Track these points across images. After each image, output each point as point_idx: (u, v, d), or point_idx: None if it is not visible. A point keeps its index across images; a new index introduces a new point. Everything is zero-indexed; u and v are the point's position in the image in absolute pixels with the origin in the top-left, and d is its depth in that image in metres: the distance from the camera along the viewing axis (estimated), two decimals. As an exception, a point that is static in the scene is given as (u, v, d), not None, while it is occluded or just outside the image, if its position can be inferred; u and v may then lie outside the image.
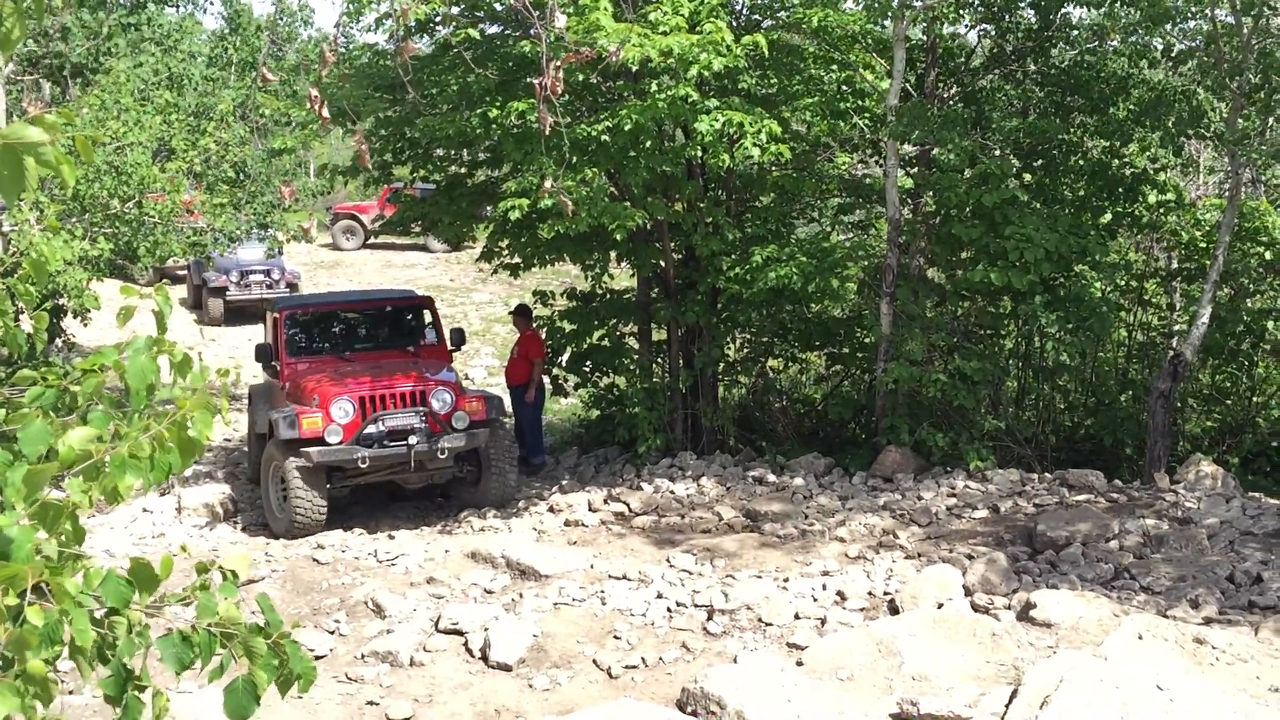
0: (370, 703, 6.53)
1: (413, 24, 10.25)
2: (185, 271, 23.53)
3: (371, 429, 9.56)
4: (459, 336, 11.39)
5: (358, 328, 11.54)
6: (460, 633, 7.30)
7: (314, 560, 8.97)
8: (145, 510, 10.13)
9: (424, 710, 6.46)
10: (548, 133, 4.07)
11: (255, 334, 21.08)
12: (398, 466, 9.74)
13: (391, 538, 9.39)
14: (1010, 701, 5.59)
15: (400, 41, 6.37)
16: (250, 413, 11.63)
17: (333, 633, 7.55)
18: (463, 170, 12.34)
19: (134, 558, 2.46)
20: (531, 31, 6.49)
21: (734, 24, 10.77)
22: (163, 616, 2.53)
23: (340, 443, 9.45)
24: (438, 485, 10.55)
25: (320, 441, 9.42)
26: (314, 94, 4.36)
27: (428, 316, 11.46)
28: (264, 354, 10.74)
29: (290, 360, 10.55)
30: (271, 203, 14.31)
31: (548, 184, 6.37)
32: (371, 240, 29.87)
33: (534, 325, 12.33)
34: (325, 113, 4.12)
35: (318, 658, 7.11)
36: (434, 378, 10.12)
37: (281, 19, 18.19)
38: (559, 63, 3.71)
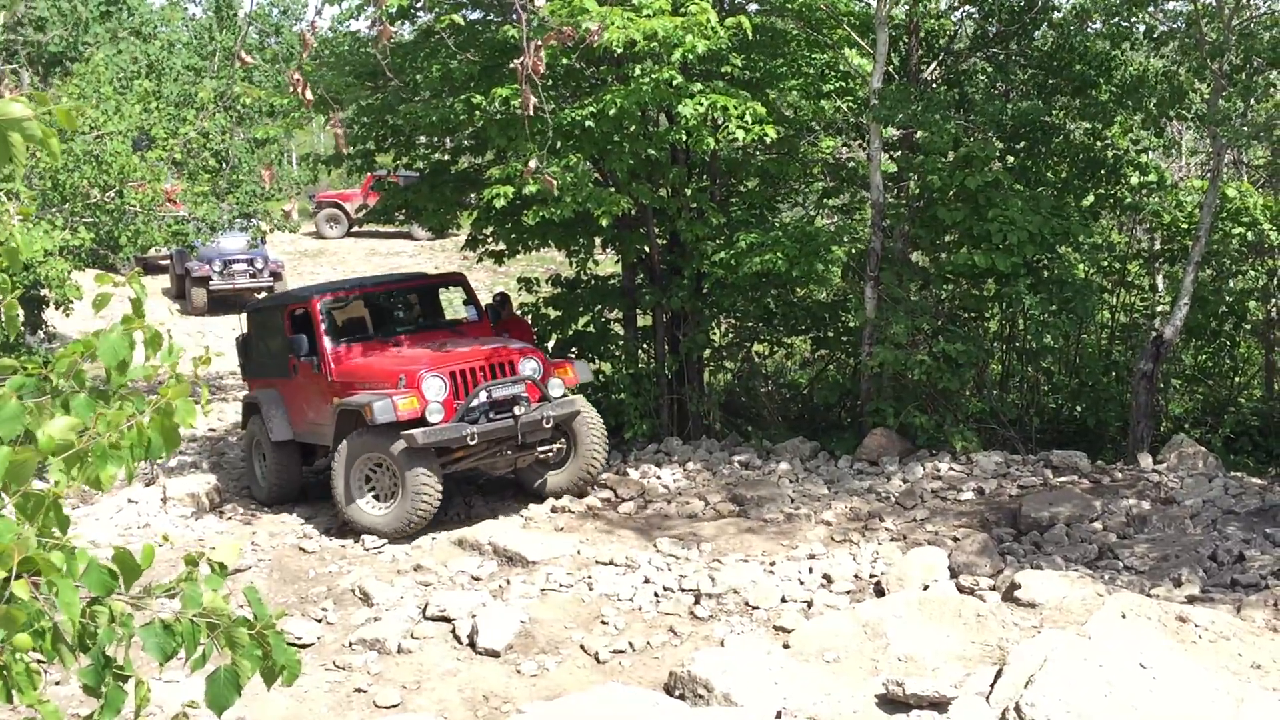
0: (358, 690, 6.54)
1: (393, 9, 10.18)
2: (167, 261, 23.41)
3: (474, 403, 8.83)
4: (503, 299, 11.09)
5: (394, 310, 10.82)
6: (448, 620, 7.30)
7: (300, 549, 8.96)
8: (130, 501, 10.08)
9: (412, 697, 6.46)
10: (530, 113, 4.05)
11: (240, 324, 21.03)
12: (505, 441, 9.04)
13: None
14: (995, 681, 5.63)
15: (379, 26, 6.32)
16: (256, 420, 10.45)
17: (320, 621, 7.54)
18: (446, 158, 12.29)
19: (117, 547, 2.45)
20: (513, 15, 6.47)
21: (718, 6, 10.74)
22: (149, 607, 2.53)
23: (442, 421, 8.75)
24: (514, 470, 9.70)
25: (419, 423, 8.65)
26: (296, 77, 4.34)
27: (462, 294, 10.85)
28: (284, 348, 9.97)
29: (336, 349, 9.64)
30: (254, 192, 14.23)
31: (531, 164, 6.36)
32: (355, 229, 29.76)
33: (515, 314, 12.26)
34: (309, 94, 4.09)
35: (305, 646, 7.11)
36: (516, 346, 9.56)
37: (271, 12, 18.10)
38: (540, 42, 3.70)
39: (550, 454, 9.43)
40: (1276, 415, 11.85)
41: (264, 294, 22.51)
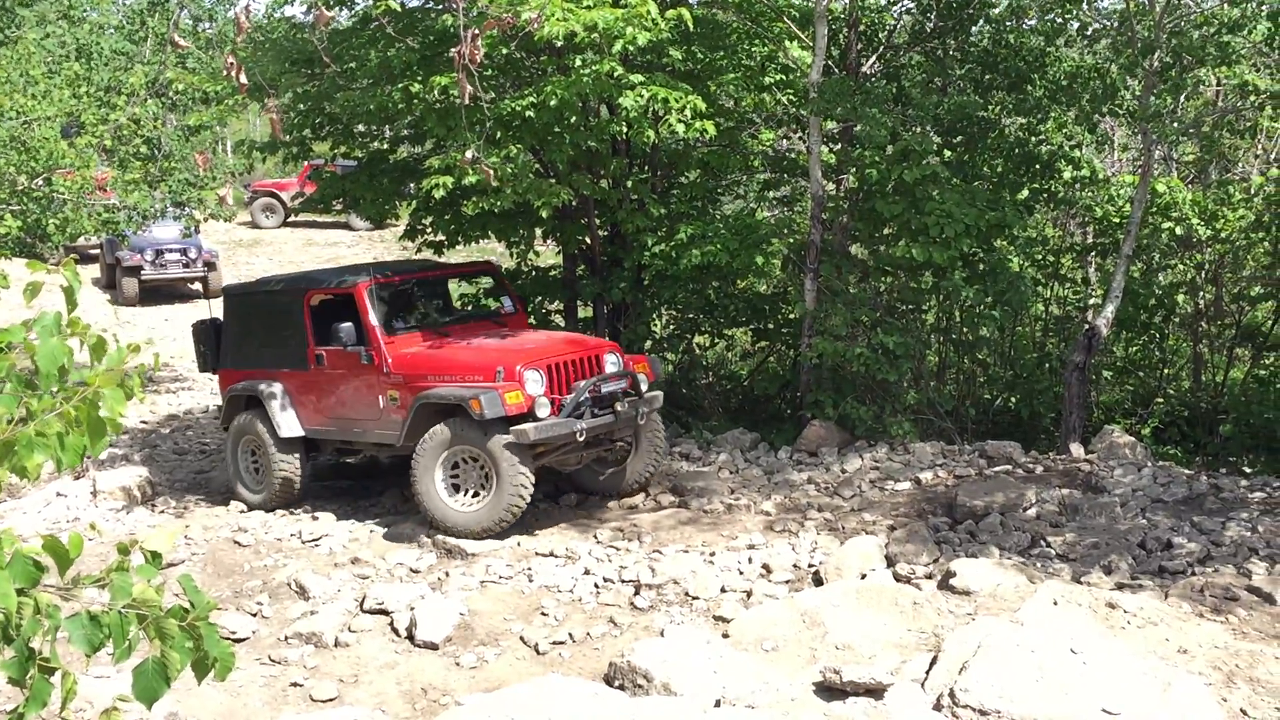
0: (294, 684, 6.46)
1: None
2: (98, 251, 22.94)
3: (582, 397, 8.50)
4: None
5: (435, 298, 10.29)
6: (386, 612, 7.24)
7: (235, 542, 8.83)
8: (59, 494, 9.87)
9: (349, 690, 6.41)
10: (468, 102, 4.02)
11: (172, 314, 20.69)
12: (604, 438, 8.87)
13: (315, 518, 9.27)
14: (930, 668, 5.70)
15: (316, 11, 6.24)
16: (250, 416, 9.73)
17: (255, 615, 7.44)
18: (385, 147, 12.17)
19: (46, 535, 2.40)
20: (452, 2, 6.40)
21: (659, -2, 10.73)
22: (79, 599, 2.48)
23: (550, 416, 8.39)
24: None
25: (525, 418, 8.28)
26: (230, 61, 4.26)
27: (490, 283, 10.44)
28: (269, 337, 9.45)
29: (390, 339, 9.06)
30: (187, 180, 13.96)
31: (468, 154, 6.31)
32: (292, 218, 29.38)
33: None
34: (243, 79, 4.02)
35: (240, 640, 7.02)
36: (593, 340, 9.31)
37: None
38: (477, 31, 3.67)
39: (613, 451, 9.23)
40: (1204, 406, 12.13)
41: (197, 284, 22.19)
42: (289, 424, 9.54)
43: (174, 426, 13.32)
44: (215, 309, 11.31)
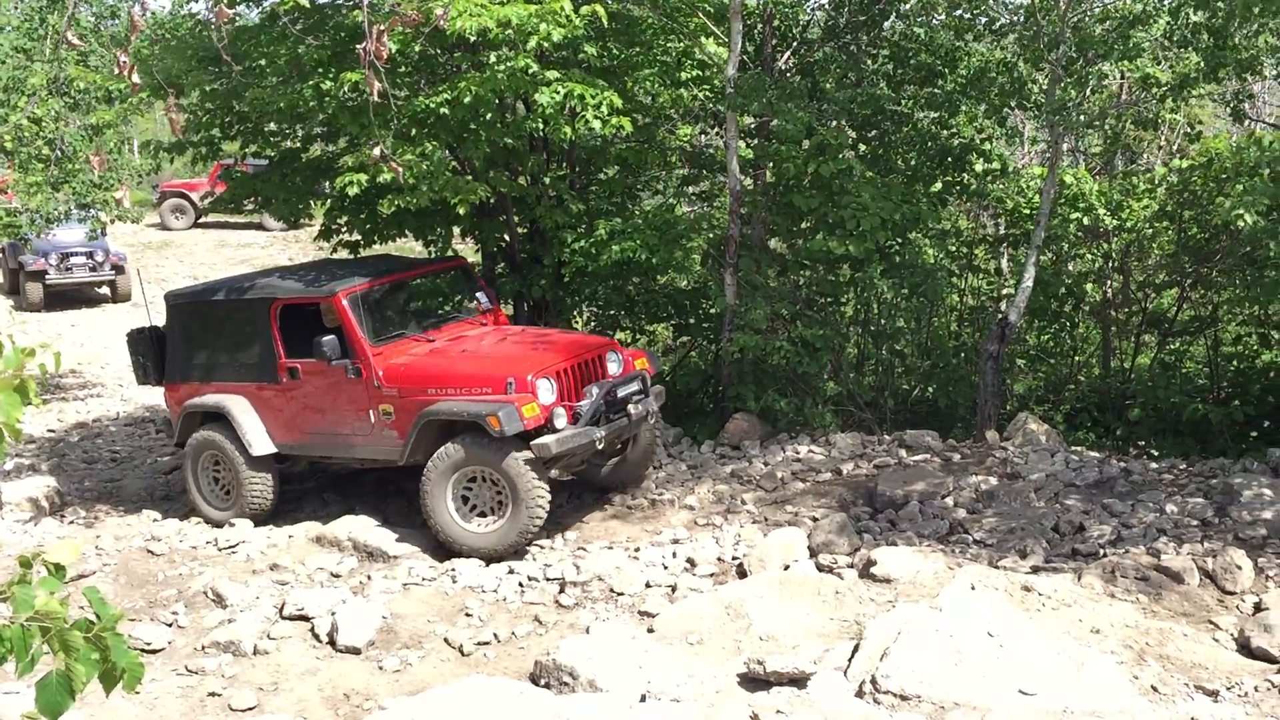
0: (212, 694, 6.33)
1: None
2: (0, 255, 22.24)
3: (598, 404, 8.18)
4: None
5: (414, 302, 9.79)
6: (306, 618, 7.13)
7: (149, 551, 8.61)
8: (-38, 508, 9.55)
9: (269, 699, 6.29)
10: (375, 99, 3.96)
11: (79, 319, 20.13)
12: (617, 441, 8.61)
13: (231, 524, 9.08)
14: (853, 655, 5.77)
15: (214, 6, 6.11)
16: (212, 431, 9.19)
17: (170, 625, 7.27)
18: (297, 145, 11.95)
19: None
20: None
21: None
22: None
23: (566, 425, 8.01)
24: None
25: (542, 430, 7.91)
26: (123, 60, 4.14)
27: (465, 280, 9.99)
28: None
29: (378, 350, 8.53)
30: (93, 182, 13.58)
31: (376, 151, 6.22)
32: (202, 219, 28.78)
33: None
34: (136, 78, 3.91)
35: (154, 651, 6.85)
36: (592, 338, 9.02)
37: None
38: (384, 27, 3.61)
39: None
40: (1113, 392, 12.43)
41: (105, 288, 21.62)
42: (260, 442, 9.01)
43: (83, 434, 12.97)
44: (138, 316, 10.82)
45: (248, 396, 9.11)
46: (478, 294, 9.77)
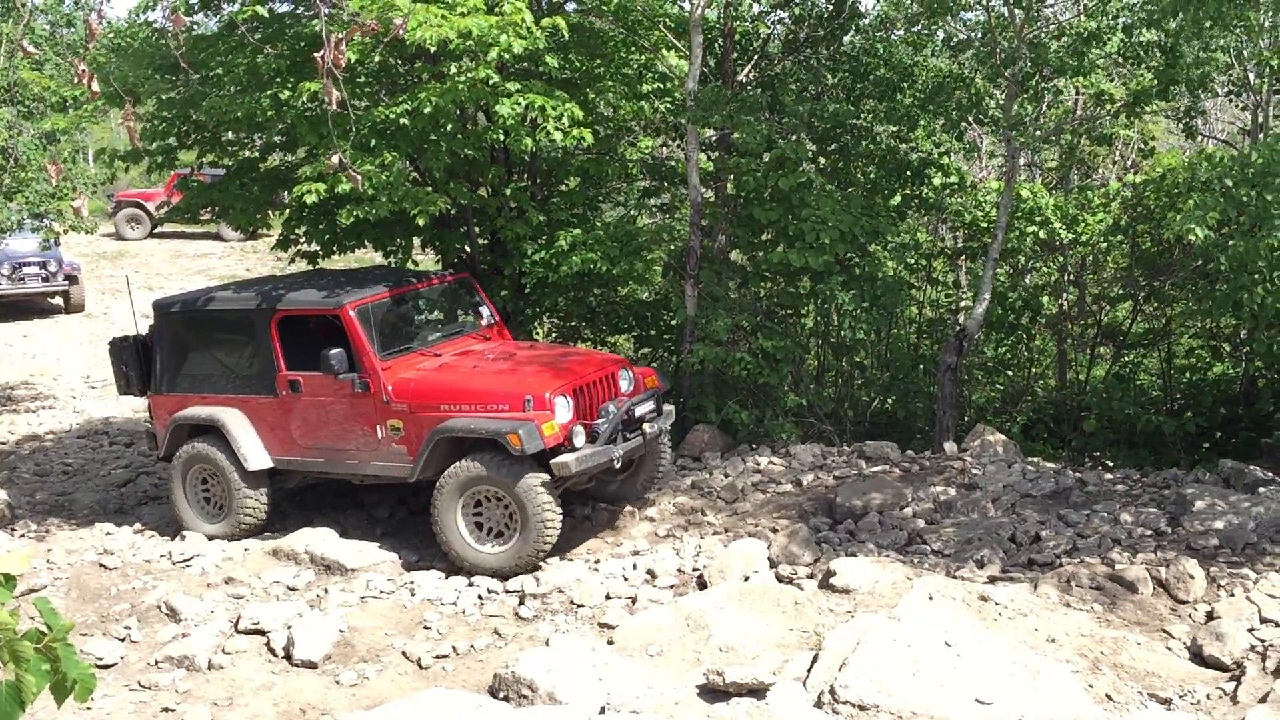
0: (165, 709, 6.24)
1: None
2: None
3: (615, 422, 8.09)
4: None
5: (419, 314, 9.59)
6: (262, 632, 7.05)
7: (101, 565, 8.48)
8: (-91, 521, 9.37)
9: (224, 714, 6.21)
10: (334, 108, 3.93)
11: (31, 330, 19.82)
12: (633, 461, 8.52)
13: (184, 538, 8.95)
14: (812, 666, 5.79)
15: (170, 14, 6.06)
16: (205, 444, 8.95)
17: (123, 640, 7.17)
18: (255, 154, 11.85)
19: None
20: (319, 6, 6.28)
21: (535, 6, 10.70)
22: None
23: (585, 444, 7.93)
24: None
25: (560, 449, 7.80)
26: (82, 68, 4.10)
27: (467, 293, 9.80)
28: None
29: (386, 364, 8.33)
30: (47, 191, 13.39)
31: (334, 160, 6.18)
32: (158, 229, 28.46)
33: None
34: (95, 87, 3.87)
35: (107, 666, 6.75)
36: (600, 354, 8.89)
37: (64, 1, 17.07)
38: (341, 36, 3.60)
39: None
40: (1069, 403, 12.57)
41: (58, 299, 21.31)
42: (257, 456, 8.78)
43: (34, 447, 12.76)
44: (92, 327, 10.68)
45: (243, 409, 8.88)
46: (481, 308, 9.62)
